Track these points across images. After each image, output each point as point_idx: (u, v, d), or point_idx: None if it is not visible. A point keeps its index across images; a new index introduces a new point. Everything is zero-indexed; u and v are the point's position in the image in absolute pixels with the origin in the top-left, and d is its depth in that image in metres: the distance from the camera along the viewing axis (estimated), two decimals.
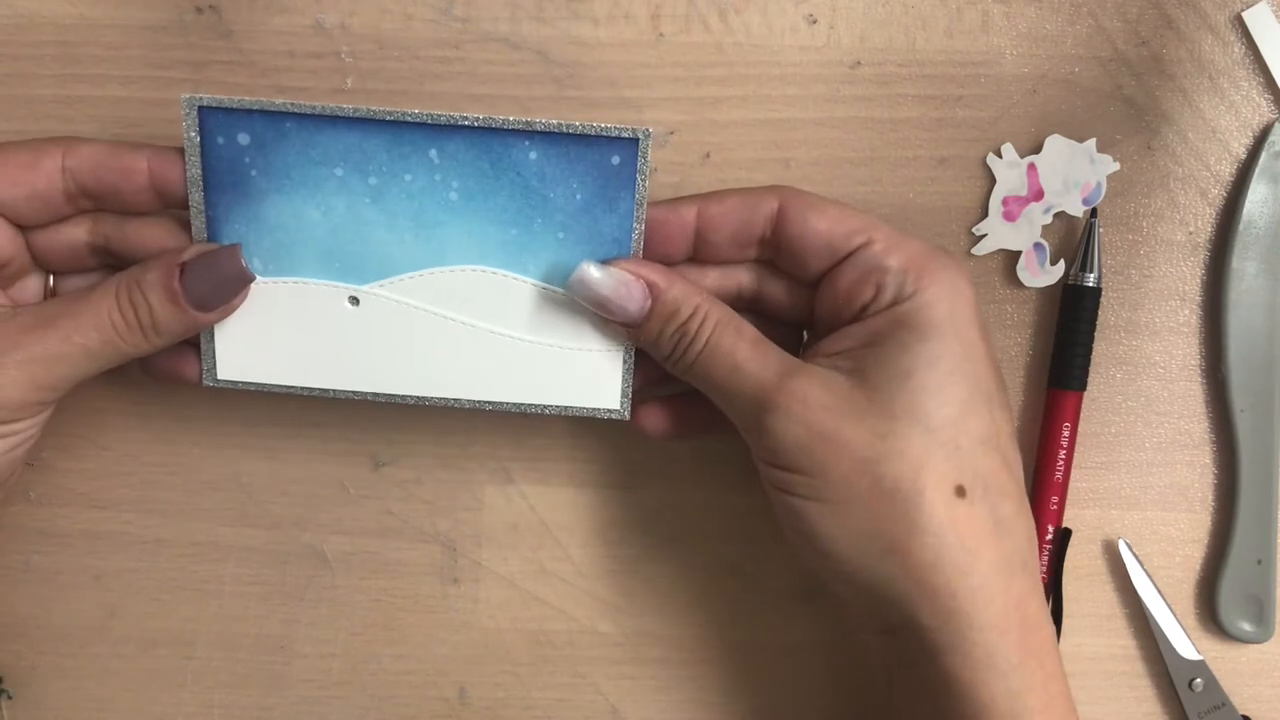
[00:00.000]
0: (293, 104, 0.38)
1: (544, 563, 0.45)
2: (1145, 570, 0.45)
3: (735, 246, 0.39)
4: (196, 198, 0.38)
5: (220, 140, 0.38)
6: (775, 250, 0.39)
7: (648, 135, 0.38)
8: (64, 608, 0.45)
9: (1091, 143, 0.43)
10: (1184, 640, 0.45)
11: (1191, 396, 0.45)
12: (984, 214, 0.44)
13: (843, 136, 0.44)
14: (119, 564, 0.45)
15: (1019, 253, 0.44)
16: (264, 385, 0.41)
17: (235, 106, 0.38)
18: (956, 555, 0.35)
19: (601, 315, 0.39)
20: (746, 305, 0.41)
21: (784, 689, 0.46)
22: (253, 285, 0.39)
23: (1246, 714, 0.45)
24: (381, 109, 0.37)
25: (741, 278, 0.40)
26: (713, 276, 0.40)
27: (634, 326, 0.39)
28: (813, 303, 0.39)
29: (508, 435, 0.45)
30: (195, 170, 0.38)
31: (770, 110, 0.43)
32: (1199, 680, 0.45)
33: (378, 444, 0.45)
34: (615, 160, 0.38)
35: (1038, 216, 0.44)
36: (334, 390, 0.41)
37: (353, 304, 0.40)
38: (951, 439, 0.36)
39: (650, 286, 0.38)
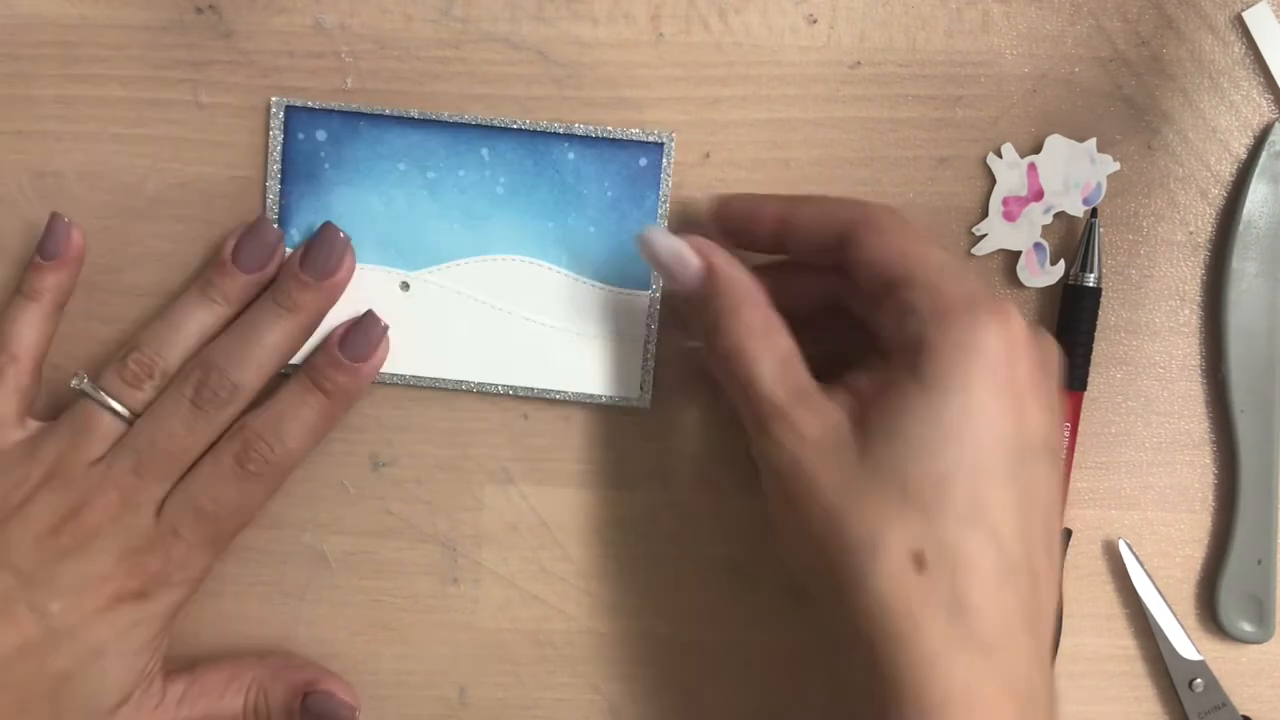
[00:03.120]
0: (366, 106, 0.42)
1: (544, 563, 0.45)
2: (1145, 570, 0.45)
3: (811, 253, 0.39)
4: (273, 189, 0.42)
5: (300, 136, 0.42)
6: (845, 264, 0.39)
7: (671, 139, 0.42)
8: None
9: (1092, 142, 0.43)
10: (1184, 640, 0.45)
11: (1191, 396, 0.45)
12: (984, 214, 0.44)
13: (843, 136, 0.44)
14: None
15: (1019, 253, 0.44)
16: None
17: (317, 107, 0.42)
18: (898, 623, 0.33)
19: (658, 273, 0.40)
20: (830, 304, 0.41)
21: (784, 689, 0.46)
22: None
23: (1247, 714, 0.45)
24: (444, 113, 0.42)
25: (822, 278, 0.40)
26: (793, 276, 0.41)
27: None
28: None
29: (508, 435, 0.45)
30: (275, 164, 0.42)
31: (770, 110, 0.43)
32: (1199, 680, 0.45)
33: (378, 444, 0.45)
34: (642, 162, 0.43)
35: (1038, 216, 0.44)
36: (383, 374, 0.43)
37: (404, 289, 0.43)
38: (924, 505, 0.33)
39: (709, 266, 0.38)
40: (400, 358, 0.43)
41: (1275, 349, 0.44)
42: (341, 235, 0.42)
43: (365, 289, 0.43)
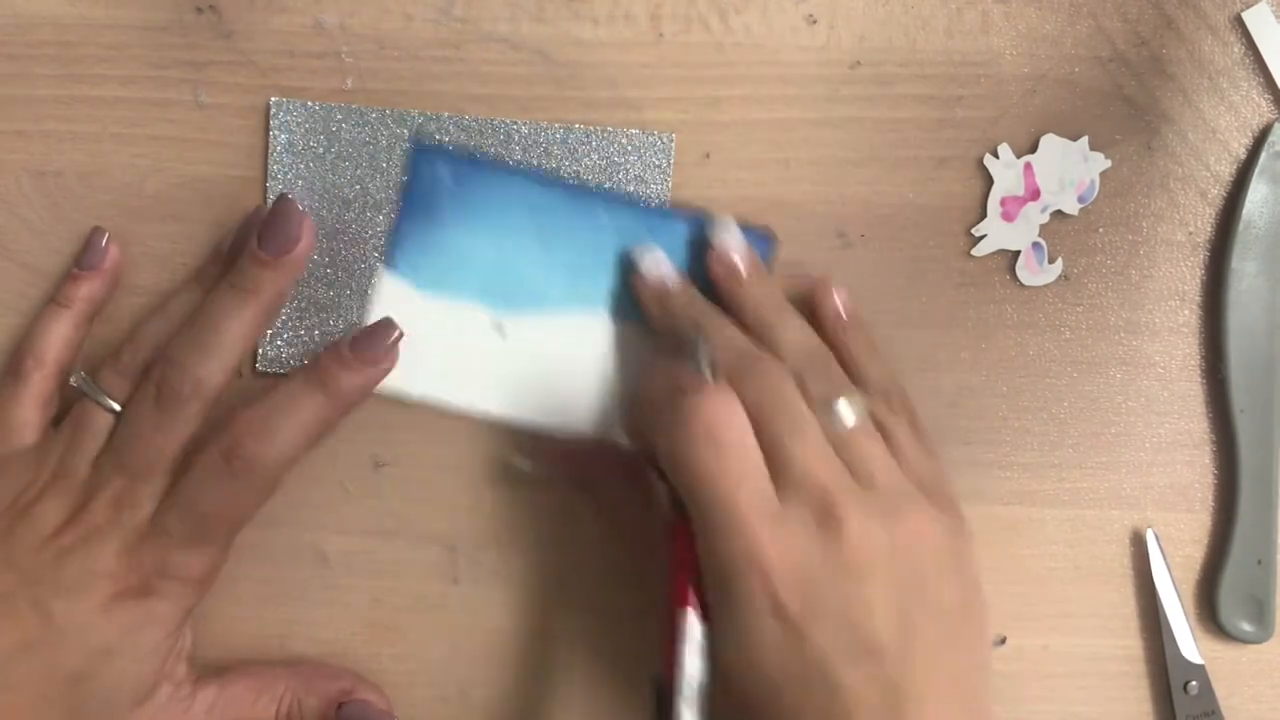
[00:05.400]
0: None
1: (544, 563, 0.45)
2: (1167, 564, 0.44)
3: None
4: (273, 188, 0.43)
5: (426, 174, 0.43)
6: None
7: (671, 139, 0.43)
8: None
9: (1084, 140, 0.43)
10: (1189, 641, 0.45)
11: (1191, 396, 0.45)
12: (983, 215, 0.44)
13: (843, 136, 0.44)
14: None
15: (1018, 252, 0.44)
16: (400, 393, 0.43)
17: (449, 150, 0.43)
18: None
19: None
20: None
21: None
22: (413, 300, 0.43)
23: None
24: (444, 113, 0.42)
25: None
26: None
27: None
28: None
29: (508, 435, 0.45)
30: (275, 164, 0.43)
31: (770, 110, 0.43)
32: (1194, 684, 0.45)
33: (378, 444, 0.45)
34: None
35: (1035, 216, 0.44)
36: (472, 408, 0.44)
37: (496, 330, 0.43)
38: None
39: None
40: (486, 395, 0.44)
41: (1275, 349, 0.44)
42: (299, 208, 0.41)
43: (459, 326, 0.43)
